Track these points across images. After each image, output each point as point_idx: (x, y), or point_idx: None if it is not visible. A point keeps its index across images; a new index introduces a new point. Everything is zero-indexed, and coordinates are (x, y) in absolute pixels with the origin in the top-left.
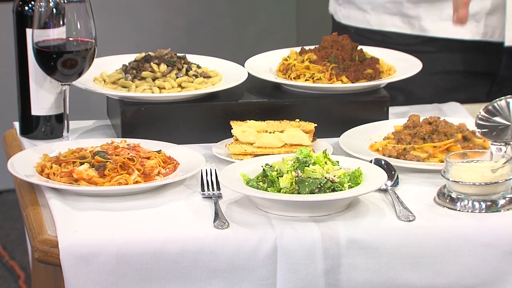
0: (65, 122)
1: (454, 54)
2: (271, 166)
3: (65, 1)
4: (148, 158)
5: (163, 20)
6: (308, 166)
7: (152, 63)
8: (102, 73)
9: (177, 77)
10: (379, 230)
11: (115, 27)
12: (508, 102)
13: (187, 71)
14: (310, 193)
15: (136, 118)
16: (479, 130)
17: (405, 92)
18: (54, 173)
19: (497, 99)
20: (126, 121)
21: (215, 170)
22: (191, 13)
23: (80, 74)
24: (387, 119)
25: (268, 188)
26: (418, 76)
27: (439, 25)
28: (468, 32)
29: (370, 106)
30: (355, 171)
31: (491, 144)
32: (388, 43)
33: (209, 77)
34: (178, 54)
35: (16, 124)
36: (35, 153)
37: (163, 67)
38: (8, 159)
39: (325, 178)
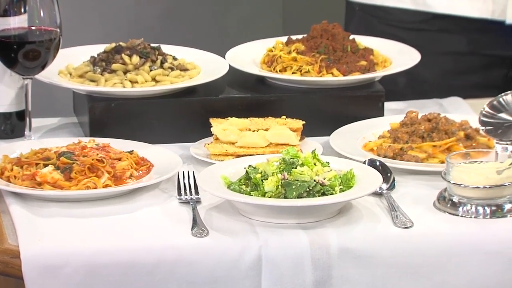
0: (27, 119)
1: (464, 33)
2: (254, 167)
3: None
4: (119, 159)
5: (135, 6)
6: (296, 168)
7: (123, 55)
8: (68, 66)
9: (151, 70)
10: (373, 238)
11: (82, 15)
12: None
13: (162, 63)
14: (297, 198)
15: (106, 115)
16: (483, 127)
17: (407, 75)
18: (15, 176)
19: (502, 94)
20: (95, 118)
21: (193, 172)
22: None
23: (43, 67)
24: (383, 115)
25: (251, 192)
26: (423, 56)
27: (444, 0)
28: (475, 9)
29: (364, 101)
30: (347, 173)
31: (496, 143)
32: (392, 21)
33: (186, 69)
34: (152, 45)
35: None
36: None
37: (136, 59)
38: None
39: (314, 181)
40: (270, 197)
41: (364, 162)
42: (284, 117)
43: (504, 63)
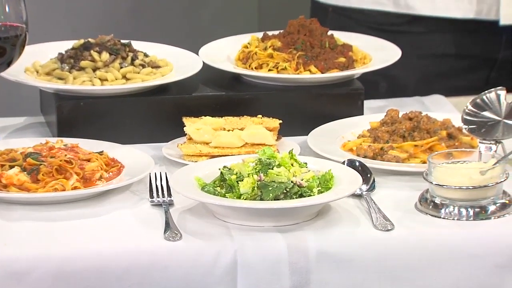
0: None
1: (446, 35)
2: (229, 168)
3: None
4: (89, 160)
5: (104, 1)
6: (272, 169)
7: (92, 51)
8: (35, 63)
9: (121, 67)
10: (353, 241)
11: (49, 10)
12: (498, 94)
13: (132, 60)
14: (274, 200)
15: (74, 115)
16: (466, 126)
17: (387, 78)
18: None
19: (486, 91)
20: (63, 117)
21: (166, 173)
22: None
23: (9, 64)
24: (362, 114)
25: (226, 194)
26: (403, 59)
27: (428, 2)
28: (460, 10)
29: (343, 99)
30: (325, 174)
31: (480, 142)
32: (370, 23)
33: (158, 67)
34: (122, 41)
35: None
36: None
37: (105, 55)
38: None
39: (292, 182)
40: (245, 199)
41: (343, 163)
42: (260, 116)
43: (486, 65)
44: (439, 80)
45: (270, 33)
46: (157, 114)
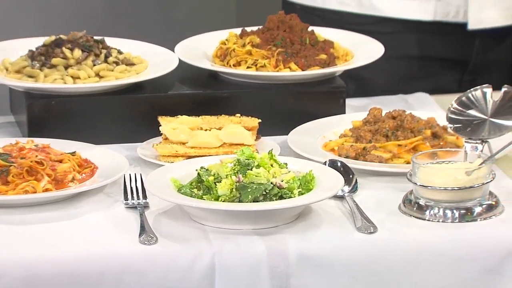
0: None
1: (415, 36)
2: (207, 169)
3: None
4: (60, 161)
5: None
6: (251, 170)
7: (64, 48)
8: (4, 60)
9: (94, 65)
10: (334, 244)
11: (19, 5)
12: (484, 92)
13: (106, 57)
14: (253, 202)
15: (46, 114)
16: (451, 125)
17: (357, 80)
18: None
19: (472, 89)
20: (34, 117)
21: (141, 175)
22: None
23: None
24: (344, 113)
25: (203, 196)
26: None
27: (392, 3)
28: (426, 12)
29: (324, 97)
30: (306, 174)
31: (465, 141)
32: (339, 22)
33: (133, 64)
34: (95, 37)
35: None
36: None
37: (78, 52)
38: None
39: (271, 183)
40: (223, 201)
41: (325, 163)
42: (239, 115)
43: (458, 68)
44: (409, 83)
45: (248, 29)
46: (132, 113)
